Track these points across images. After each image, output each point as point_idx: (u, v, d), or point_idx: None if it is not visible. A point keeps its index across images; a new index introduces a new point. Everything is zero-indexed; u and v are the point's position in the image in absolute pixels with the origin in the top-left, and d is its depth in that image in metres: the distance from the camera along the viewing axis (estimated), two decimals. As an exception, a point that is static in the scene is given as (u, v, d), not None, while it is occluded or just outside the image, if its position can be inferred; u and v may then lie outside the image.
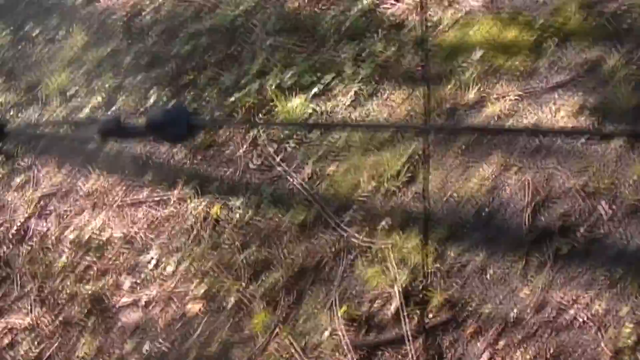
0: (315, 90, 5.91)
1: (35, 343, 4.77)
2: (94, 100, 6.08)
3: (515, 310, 4.31)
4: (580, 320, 4.19)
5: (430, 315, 4.36)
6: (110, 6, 7.10)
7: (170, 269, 4.77)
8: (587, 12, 6.20)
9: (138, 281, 4.77)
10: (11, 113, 6.28)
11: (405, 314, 4.34)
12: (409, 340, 4.32)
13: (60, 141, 5.85)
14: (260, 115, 5.74)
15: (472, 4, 6.48)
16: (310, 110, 5.72)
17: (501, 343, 4.25)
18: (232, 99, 5.94)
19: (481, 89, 5.61)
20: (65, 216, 5.26)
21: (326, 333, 4.44)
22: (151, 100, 6.00)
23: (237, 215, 5.00)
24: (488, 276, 4.45)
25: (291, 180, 5.24)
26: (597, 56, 5.79)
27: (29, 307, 4.73)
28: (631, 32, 6.00)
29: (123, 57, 6.56)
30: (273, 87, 5.93)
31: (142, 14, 6.95)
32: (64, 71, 6.42)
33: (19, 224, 5.24)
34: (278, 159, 5.41)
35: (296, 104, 5.73)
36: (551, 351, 4.16)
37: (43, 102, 6.16)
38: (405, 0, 6.59)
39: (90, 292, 4.70)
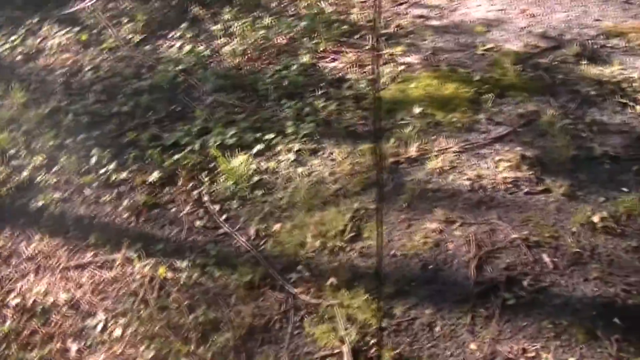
0: (257, 148, 5.94)
1: (-22, 412, 4.67)
2: (35, 161, 6.02)
3: (464, 365, 4.35)
4: (529, 372, 4.25)
5: (381, 373, 4.37)
6: (49, 64, 7.07)
7: (117, 332, 4.71)
8: (522, 66, 6.36)
9: (85, 346, 4.70)
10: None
11: (355, 371, 4.35)
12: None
13: (2, 203, 5.77)
14: (203, 174, 5.74)
15: (410, 60, 6.61)
16: (253, 168, 5.74)
17: (452, 398, 4.29)
18: (175, 158, 5.93)
19: (422, 144, 5.69)
20: (7, 280, 5.18)
21: (277, 393, 4.43)
22: (93, 160, 5.96)
23: (184, 276, 4.97)
24: (437, 331, 4.48)
25: (236, 239, 5.24)
26: (534, 109, 5.93)
27: (-28, 376, 4.64)
28: (565, 84, 6.16)
29: (63, 116, 6.52)
30: (215, 145, 5.94)
31: (81, 72, 6.93)
32: (4, 131, 6.36)
33: (-41, 289, 5.15)
34: (222, 219, 5.41)
35: (239, 162, 5.75)
36: (502, 404, 4.21)
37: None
38: (344, 56, 6.70)
39: (36, 358, 4.62)
